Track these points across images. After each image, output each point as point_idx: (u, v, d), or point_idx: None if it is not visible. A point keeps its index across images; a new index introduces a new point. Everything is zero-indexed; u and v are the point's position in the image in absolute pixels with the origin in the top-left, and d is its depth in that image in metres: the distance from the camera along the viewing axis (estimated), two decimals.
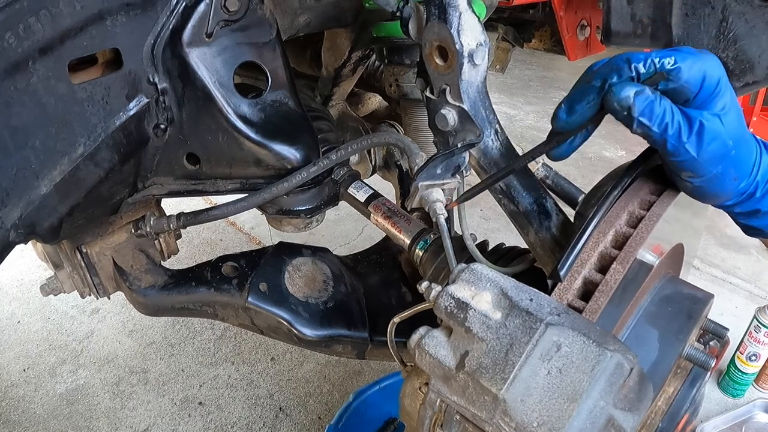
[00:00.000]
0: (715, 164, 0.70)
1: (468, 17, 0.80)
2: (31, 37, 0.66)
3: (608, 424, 0.58)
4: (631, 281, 0.73)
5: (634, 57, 0.67)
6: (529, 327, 0.63)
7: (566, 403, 0.58)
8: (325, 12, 1.03)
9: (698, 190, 0.74)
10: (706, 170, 0.70)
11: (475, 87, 0.86)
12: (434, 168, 0.87)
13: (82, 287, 1.13)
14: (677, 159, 0.70)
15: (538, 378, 0.60)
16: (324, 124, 1.23)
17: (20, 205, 0.73)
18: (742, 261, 2.94)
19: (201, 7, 0.80)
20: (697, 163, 0.69)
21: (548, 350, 0.61)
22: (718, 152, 0.69)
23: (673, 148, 0.68)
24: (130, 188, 0.93)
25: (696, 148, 0.68)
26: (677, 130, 0.67)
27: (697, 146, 0.68)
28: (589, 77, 0.70)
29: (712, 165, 0.70)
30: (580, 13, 1.43)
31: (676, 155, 0.69)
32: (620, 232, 0.76)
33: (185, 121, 0.87)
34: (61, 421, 2.05)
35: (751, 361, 2.11)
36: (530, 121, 4.53)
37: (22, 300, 2.60)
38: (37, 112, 0.70)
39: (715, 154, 0.69)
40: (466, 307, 0.67)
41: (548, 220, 0.91)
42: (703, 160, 0.69)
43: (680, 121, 0.67)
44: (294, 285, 1.04)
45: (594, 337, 0.61)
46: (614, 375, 0.59)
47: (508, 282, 0.68)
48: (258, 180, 0.95)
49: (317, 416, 2.06)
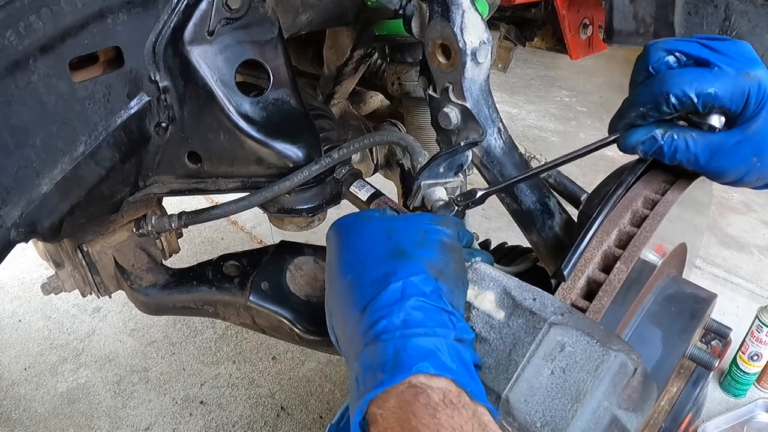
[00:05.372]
0: (742, 175, 0.72)
1: (471, 15, 0.79)
2: (32, 35, 0.65)
3: (612, 425, 0.58)
4: (635, 281, 0.73)
5: (672, 87, 0.66)
6: (533, 327, 0.63)
7: (570, 403, 0.58)
8: (327, 10, 1.02)
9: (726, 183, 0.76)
10: (733, 179, 0.73)
11: (477, 85, 0.85)
12: (437, 167, 0.87)
13: (83, 286, 1.13)
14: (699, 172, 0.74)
15: (541, 378, 0.60)
16: (326, 122, 1.23)
17: (21, 204, 0.73)
18: (743, 260, 2.93)
19: (203, 6, 0.80)
20: (723, 175, 0.72)
21: (552, 350, 0.61)
22: (742, 167, 0.70)
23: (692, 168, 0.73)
24: (131, 187, 0.92)
25: (717, 166, 0.70)
26: (693, 159, 0.70)
27: (718, 165, 0.70)
28: (629, 109, 0.72)
29: (739, 174, 0.72)
30: (583, 11, 1.43)
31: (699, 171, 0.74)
32: (624, 231, 0.76)
33: (187, 120, 0.87)
34: (62, 419, 2.05)
35: (753, 360, 2.11)
36: (532, 120, 4.52)
37: (23, 299, 2.60)
38: (37, 111, 0.70)
39: (741, 169, 0.71)
40: (470, 306, 0.66)
41: (551, 219, 0.91)
42: (728, 173, 0.72)
43: (696, 153, 0.69)
44: (296, 284, 1.04)
45: (598, 336, 0.61)
46: (618, 375, 0.59)
47: (512, 281, 0.68)
48: (260, 179, 0.94)
49: (318, 415, 2.06)
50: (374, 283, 0.61)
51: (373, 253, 0.65)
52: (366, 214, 0.75)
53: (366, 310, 0.60)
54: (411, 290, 0.59)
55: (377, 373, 0.55)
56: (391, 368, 0.54)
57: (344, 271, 0.67)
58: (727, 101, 0.65)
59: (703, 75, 0.66)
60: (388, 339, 0.56)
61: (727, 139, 0.68)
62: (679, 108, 0.67)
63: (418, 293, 0.59)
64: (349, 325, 0.63)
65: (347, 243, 0.70)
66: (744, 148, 0.68)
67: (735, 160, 0.69)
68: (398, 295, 0.59)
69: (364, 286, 0.62)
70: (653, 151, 0.72)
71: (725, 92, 0.65)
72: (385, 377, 0.54)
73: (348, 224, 0.74)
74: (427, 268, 0.61)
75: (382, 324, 0.57)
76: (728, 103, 0.66)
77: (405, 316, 0.58)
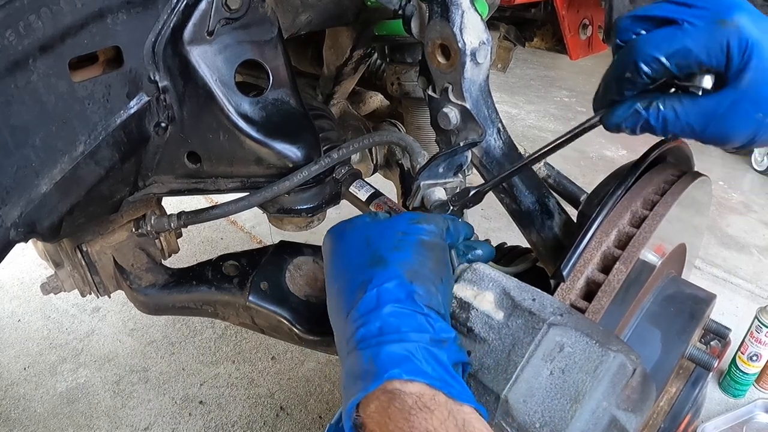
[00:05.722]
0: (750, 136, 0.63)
1: (471, 15, 0.79)
2: (32, 34, 0.65)
3: (611, 425, 0.58)
4: (634, 281, 0.73)
5: (639, 55, 0.61)
6: (532, 327, 0.63)
7: (569, 403, 0.58)
8: (327, 10, 1.02)
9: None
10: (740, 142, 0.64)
11: (477, 85, 0.85)
12: (436, 167, 0.87)
13: (82, 286, 1.13)
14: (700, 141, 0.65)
15: (540, 378, 0.60)
16: (325, 122, 1.23)
17: (20, 204, 0.73)
18: (743, 261, 2.94)
19: (202, 5, 0.80)
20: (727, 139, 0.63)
21: (551, 350, 0.61)
22: (746, 127, 0.62)
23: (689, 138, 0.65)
24: (130, 187, 0.92)
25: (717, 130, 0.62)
26: (686, 128, 0.63)
27: (718, 129, 0.62)
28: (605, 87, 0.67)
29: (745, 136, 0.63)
30: (582, 12, 1.43)
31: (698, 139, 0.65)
32: (623, 231, 0.76)
33: (186, 120, 0.87)
34: (61, 419, 2.05)
35: (753, 361, 2.11)
36: (532, 120, 4.52)
37: (23, 298, 2.60)
38: (37, 111, 0.70)
39: (745, 129, 0.62)
40: (469, 307, 0.66)
41: (551, 220, 0.91)
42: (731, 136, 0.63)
43: (690, 122, 0.62)
44: (295, 284, 1.04)
45: (597, 337, 0.61)
46: (617, 375, 0.59)
47: (511, 282, 0.68)
48: (259, 179, 0.94)
49: (318, 415, 2.06)
50: (354, 291, 0.63)
51: (354, 261, 0.67)
52: (353, 222, 0.76)
53: (348, 318, 0.62)
54: (385, 297, 0.61)
55: (357, 381, 0.57)
56: (368, 376, 0.56)
57: (333, 279, 0.69)
58: (705, 57, 0.58)
59: (670, 34, 0.60)
60: (365, 347, 0.58)
61: (721, 100, 0.60)
62: (653, 75, 0.61)
63: (392, 299, 0.61)
64: (339, 332, 0.65)
65: (336, 251, 0.73)
66: (743, 105, 0.60)
67: (737, 122, 0.61)
68: (374, 303, 0.61)
69: (347, 295, 0.64)
70: (641, 127, 0.64)
71: (699, 47, 0.58)
72: (363, 384, 0.56)
73: (338, 232, 0.76)
74: (401, 272, 0.63)
75: (361, 332, 0.60)
76: (706, 59, 0.58)
77: (381, 323, 0.59)
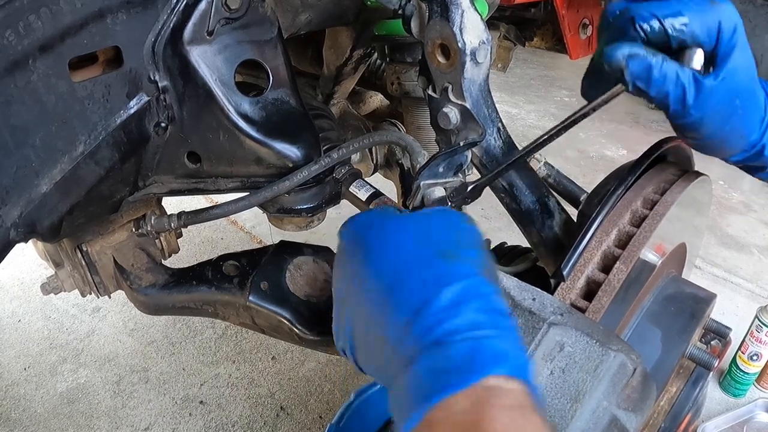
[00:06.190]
0: (722, 125, 0.65)
1: (470, 15, 0.79)
2: (32, 34, 0.65)
3: (611, 424, 0.58)
4: (635, 281, 0.73)
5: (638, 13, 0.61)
6: (532, 327, 0.63)
7: (569, 403, 0.58)
8: (327, 10, 1.02)
9: (702, 148, 0.71)
10: (711, 131, 0.66)
11: (477, 85, 0.85)
12: (436, 167, 0.87)
13: (82, 286, 1.13)
14: (680, 122, 0.66)
15: (541, 378, 0.60)
16: (325, 122, 1.23)
17: (20, 204, 0.73)
18: (743, 260, 2.94)
19: (202, 5, 0.80)
20: (702, 125, 0.65)
21: (551, 350, 0.61)
22: (724, 113, 0.64)
23: (676, 111, 0.64)
24: (130, 187, 0.92)
25: (701, 112, 0.63)
26: (680, 95, 0.62)
27: (702, 110, 0.63)
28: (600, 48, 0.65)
29: (718, 126, 0.65)
30: (582, 11, 1.43)
31: (679, 118, 0.65)
32: (623, 231, 0.76)
33: (186, 120, 0.87)
34: (61, 419, 2.05)
35: (753, 360, 2.11)
36: (532, 120, 4.52)
37: (23, 299, 2.60)
38: (37, 111, 0.70)
39: (722, 116, 0.64)
40: None
41: (551, 219, 0.91)
42: (708, 122, 0.64)
43: (684, 85, 0.62)
44: (295, 284, 1.04)
45: (597, 336, 0.61)
46: (617, 375, 0.59)
47: (511, 281, 0.68)
48: (259, 179, 0.94)
49: (318, 415, 2.06)
50: (424, 286, 0.57)
51: (415, 253, 0.61)
52: (386, 213, 0.69)
53: (419, 313, 0.56)
54: (470, 292, 0.56)
55: (446, 376, 0.52)
56: (464, 370, 0.51)
57: (377, 275, 0.61)
58: (699, 30, 0.60)
59: (669, 3, 0.61)
60: (458, 341, 0.53)
61: (712, 78, 0.62)
62: (650, 36, 0.61)
63: (476, 295, 0.56)
64: (390, 331, 0.58)
65: (374, 244, 0.64)
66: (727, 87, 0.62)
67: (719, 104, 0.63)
68: (457, 297, 0.56)
69: (410, 290, 0.58)
70: (640, 72, 0.62)
71: (694, 19, 0.59)
72: (456, 379, 0.51)
73: (368, 224, 0.67)
74: (477, 269, 0.59)
75: (444, 327, 0.54)
76: (700, 32, 0.60)
77: (471, 318, 0.54)
